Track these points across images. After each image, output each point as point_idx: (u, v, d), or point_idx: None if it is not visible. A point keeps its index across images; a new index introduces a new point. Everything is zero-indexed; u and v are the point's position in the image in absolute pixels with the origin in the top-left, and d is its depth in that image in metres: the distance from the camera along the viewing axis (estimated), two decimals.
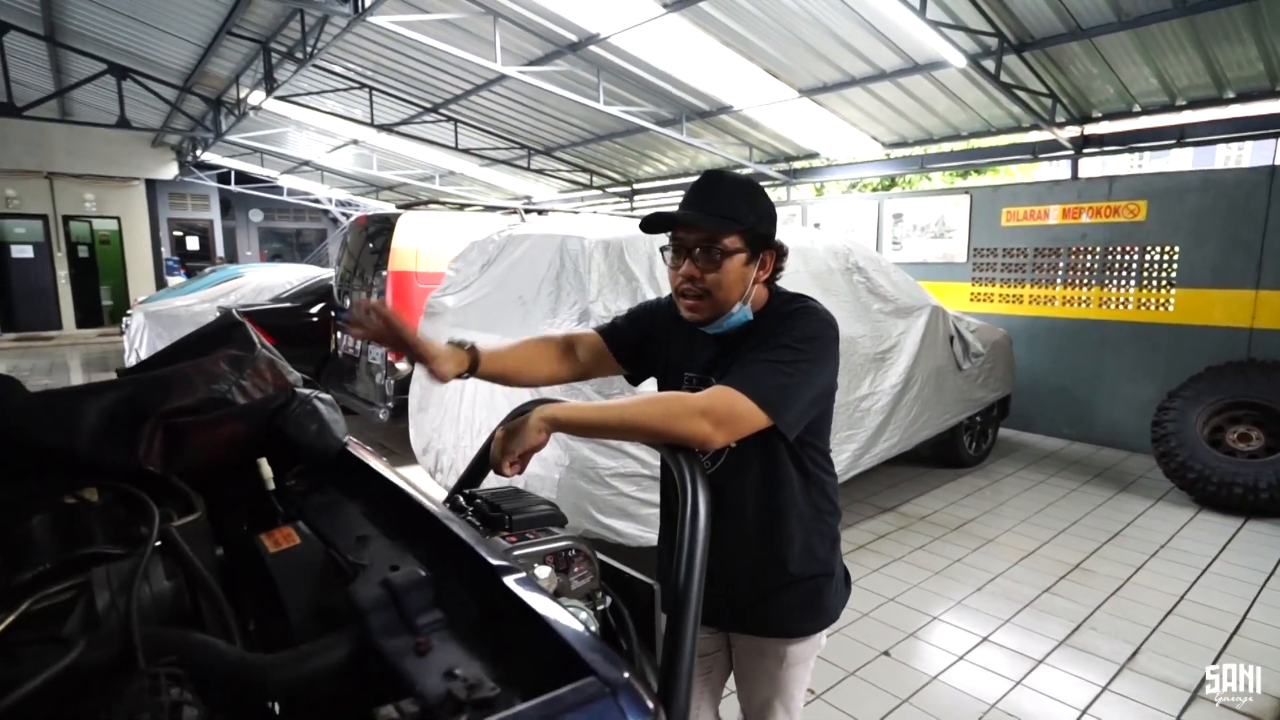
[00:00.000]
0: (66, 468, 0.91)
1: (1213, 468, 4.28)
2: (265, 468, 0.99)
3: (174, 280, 13.63)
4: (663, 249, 1.36)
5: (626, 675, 0.54)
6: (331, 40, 5.75)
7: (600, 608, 1.10)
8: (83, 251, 14.37)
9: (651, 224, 1.31)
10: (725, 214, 1.26)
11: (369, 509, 0.96)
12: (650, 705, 0.53)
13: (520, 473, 1.21)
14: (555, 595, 1.01)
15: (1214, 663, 2.73)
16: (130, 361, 8.55)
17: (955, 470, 5.12)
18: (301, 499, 1.02)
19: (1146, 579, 3.45)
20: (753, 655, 1.48)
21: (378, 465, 1.05)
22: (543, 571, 1.02)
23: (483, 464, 1.42)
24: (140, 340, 8.39)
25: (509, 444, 1.16)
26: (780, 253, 1.36)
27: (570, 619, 0.63)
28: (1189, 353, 5.19)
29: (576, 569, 1.11)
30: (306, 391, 1.13)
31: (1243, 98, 4.96)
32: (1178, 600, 3.24)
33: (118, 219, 14.30)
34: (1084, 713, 2.45)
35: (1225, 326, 5.08)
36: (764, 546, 1.36)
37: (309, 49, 6.17)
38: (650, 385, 1.61)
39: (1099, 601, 3.22)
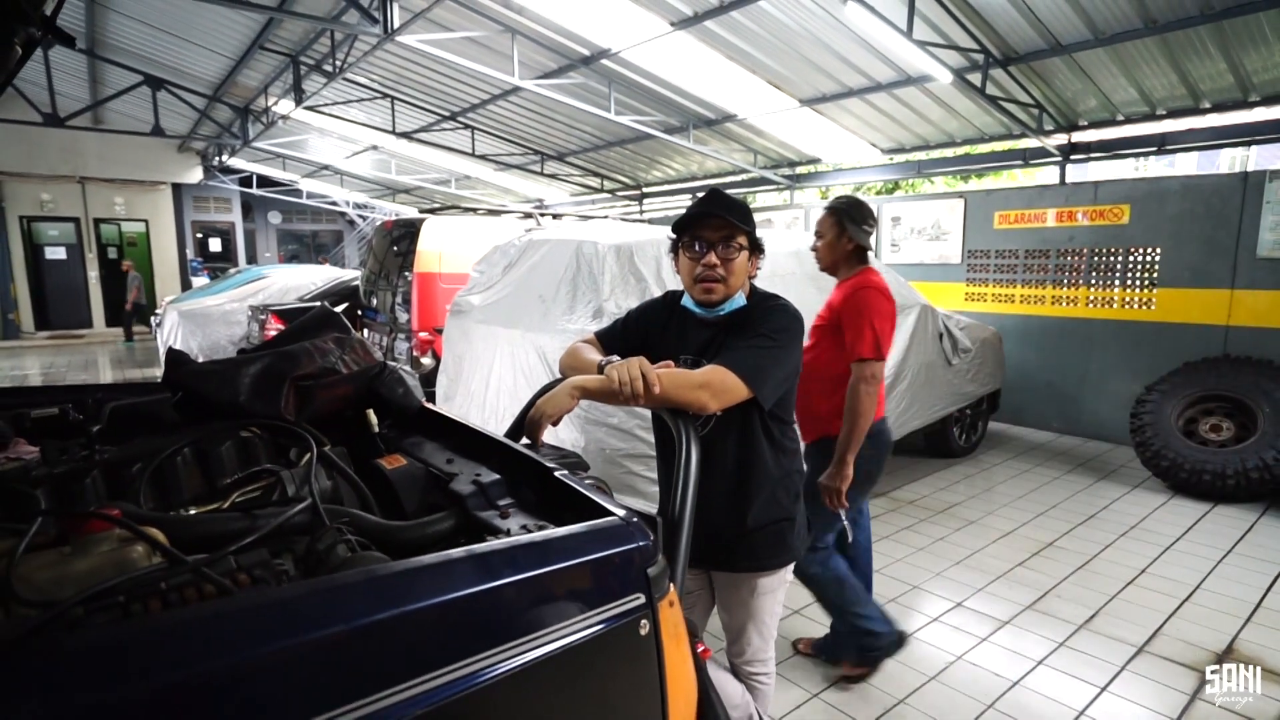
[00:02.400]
0: (231, 415, 1.27)
1: (1185, 456, 4.58)
2: (372, 416, 1.35)
3: (198, 281, 14.12)
4: (681, 244, 1.70)
5: (636, 518, 0.89)
6: (361, 57, 6.14)
7: None
8: (112, 253, 14.90)
9: (689, 220, 1.66)
10: (738, 219, 1.63)
11: (447, 444, 1.32)
12: (650, 535, 0.88)
13: (555, 424, 1.54)
14: None
15: (1160, 625, 3.05)
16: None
17: (946, 460, 5.43)
18: (397, 440, 1.38)
19: (1113, 555, 3.76)
20: (730, 588, 1.83)
21: (450, 416, 1.41)
22: None
23: (521, 428, 1.76)
24: (174, 338, 8.82)
25: (546, 408, 1.50)
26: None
27: (600, 493, 0.98)
28: (1169, 349, 5.48)
29: None
30: (394, 364, 1.49)
31: (1218, 108, 5.25)
32: (1139, 573, 3.55)
33: (145, 221, 14.84)
34: (1039, 664, 2.77)
35: (1203, 324, 5.37)
36: (739, 496, 1.71)
37: (337, 64, 6.57)
38: None
39: (1066, 574, 3.54)
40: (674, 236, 1.73)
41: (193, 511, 1.02)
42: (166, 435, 1.19)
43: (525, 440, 1.52)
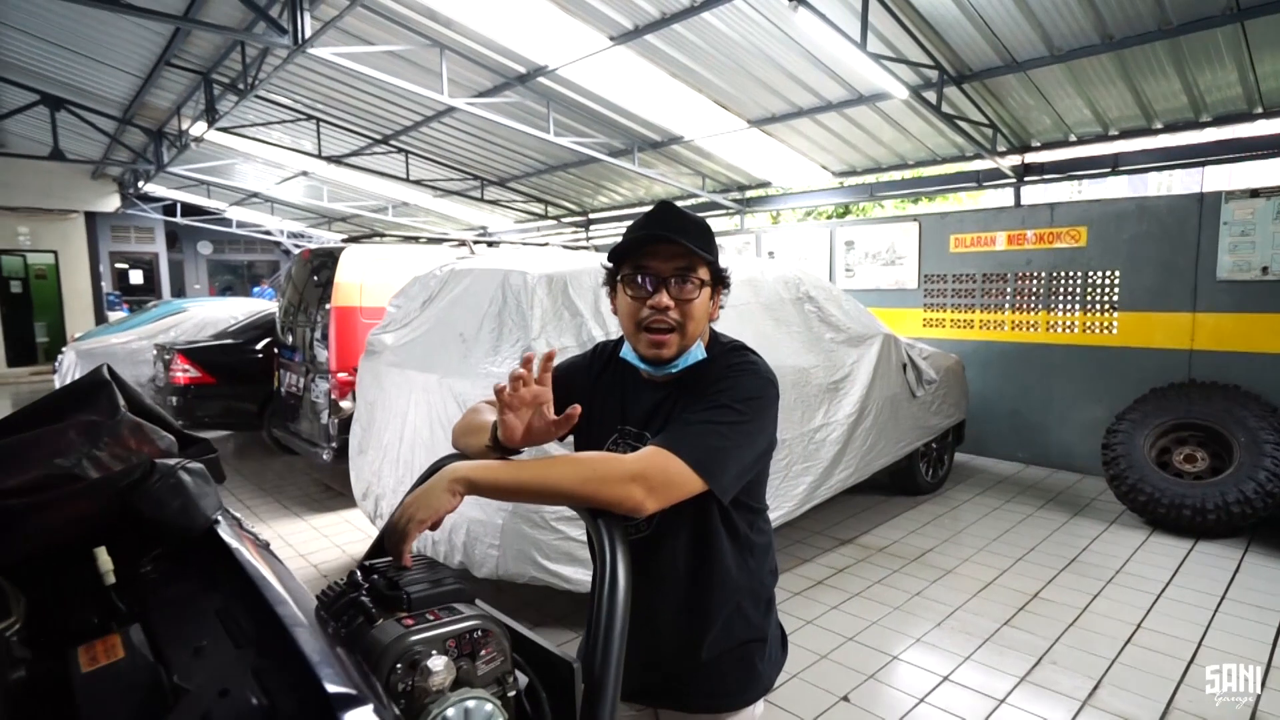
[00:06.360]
0: None
1: (1162, 490, 4.33)
2: (103, 558, 0.85)
3: (115, 316, 13.11)
4: (621, 278, 1.24)
5: None
6: (273, 71, 5.61)
7: (512, 693, 0.99)
8: (15, 286, 13.76)
9: (632, 246, 1.21)
10: (698, 244, 1.19)
11: (226, 605, 0.83)
12: None
13: (434, 529, 1.09)
14: (456, 685, 0.90)
15: (1170, 697, 2.70)
16: None
17: (913, 498, 5.10)
18: (153, 591, 0.88)
19: (1103, 607, 3.43)
20: None
21: (243, 549, 0.91)
22: (437, 662, 0.90)
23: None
24: (71, 380, 7.98)
25: (416, 509, 1.03)
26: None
27: None
28: (1133, 375, 5.29)
29: (484, 651, 1.00)
30: (171, 462, 1.00)
31: (1170, 128, 5.15)
32: (1135, 629, 3.21)
33: (54, 253, 13.73)
34: None
35: (1166, 349, 5.20)
36: (694, 615, 1.27)
37: (250, 80, 6.01)
38: None
39: (1058, 633, 3.18)
40: (610, 266, 1.28)
41: None
42: None
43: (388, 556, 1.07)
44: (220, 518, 1.02)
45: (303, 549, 4.32)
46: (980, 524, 4.62)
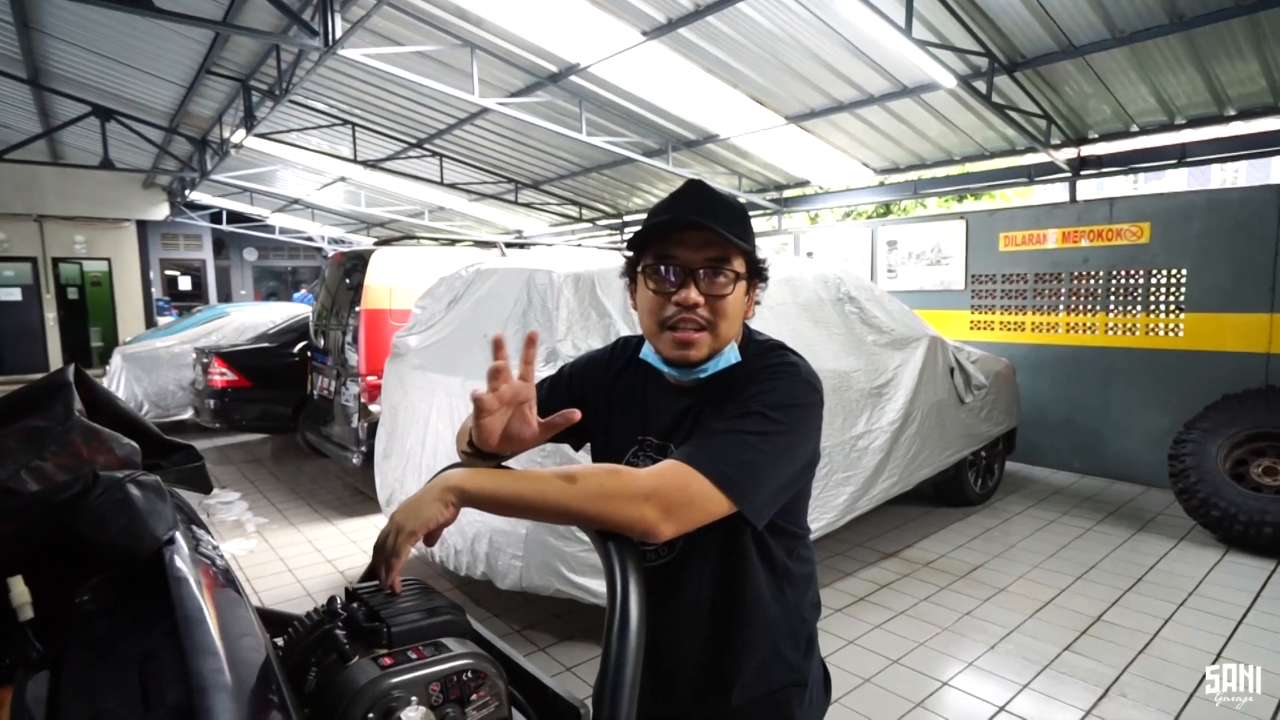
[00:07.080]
0: None
1: (1239, 505, 3.99)
2: (19, 589, 0.73)
3: (164, 320, 13.52)
4: (643, 269, 1.08)
5: None
6: (305, 75, 5.63)
7: None
8: (72, 293, 14.30)
9: (656, 231, 1.05)
10: (733, 231, 1.03)
11: (158, 648, 0.70)
12: None
13: (430, 544, 0.97)
14: None
15: None
16: None
17: (961, 510, 4.82)
18: (83, 628, 0.76)
19: (1175, 633, 3.15)
20: None
21: (189, 578, 0.78)
22: (414, 713, 0.77)
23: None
24: (118, 384, 8.18)
25: (404, 522, 0.90)
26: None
27: None
28: (1203, 381, 4.93)
29: (476, 695, 0.85)
30: (118, 474, 0.88)
31: (1244, 115, 4.79)
32: (1213, 658, 2.93)
33: (108, 260, 14.23)
34: None
35: (1241, 352, 4.83)
36: (721, 653, 1.11)
37: (285, 85, 6.06)
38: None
39: (1126, 661, 2.91)
40: (631, 255, 1.12)
41: None
42: None
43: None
44: (178, 537, 0.90)
45: (330, 554, 4.27)
46: (1034, 538, 4.33)
